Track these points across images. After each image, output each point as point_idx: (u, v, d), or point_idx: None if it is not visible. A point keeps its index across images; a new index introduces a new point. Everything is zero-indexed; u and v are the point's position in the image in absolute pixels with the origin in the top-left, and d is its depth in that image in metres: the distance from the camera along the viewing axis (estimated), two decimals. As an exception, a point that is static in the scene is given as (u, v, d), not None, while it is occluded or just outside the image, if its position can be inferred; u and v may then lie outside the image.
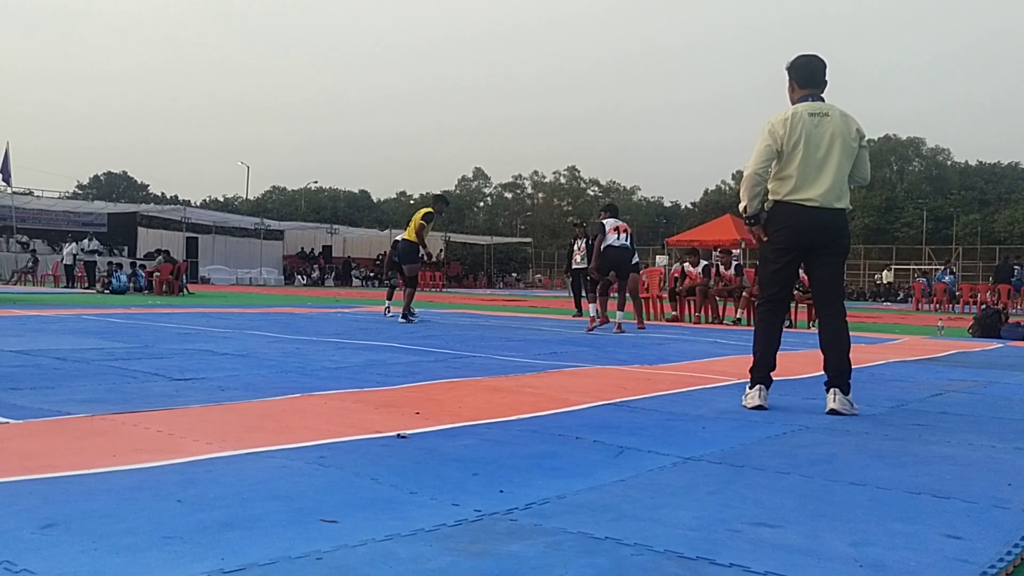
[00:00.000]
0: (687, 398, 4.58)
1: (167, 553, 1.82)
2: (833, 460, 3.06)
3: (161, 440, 3.05)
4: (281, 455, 2.84)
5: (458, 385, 4.83)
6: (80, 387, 4.31)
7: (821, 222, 4.20)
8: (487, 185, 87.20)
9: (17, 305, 12.98)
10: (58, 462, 2.64)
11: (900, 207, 64.17)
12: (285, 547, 1.88)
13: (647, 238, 67.52)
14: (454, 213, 74.27)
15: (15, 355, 5.70)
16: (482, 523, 2.13)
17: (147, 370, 5.09)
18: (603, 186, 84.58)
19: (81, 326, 8.82)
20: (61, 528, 1.97)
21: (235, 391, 4.32)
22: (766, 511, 2.32)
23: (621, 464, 2.89)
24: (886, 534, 2.13)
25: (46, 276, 28.51)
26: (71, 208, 38.02)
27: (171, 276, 21.59)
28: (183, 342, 7.11)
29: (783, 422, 3.85)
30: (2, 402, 3.75)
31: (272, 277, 39.31)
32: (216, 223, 40.88)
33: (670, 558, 1.89)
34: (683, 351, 7.71)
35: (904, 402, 4.67)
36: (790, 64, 4.38)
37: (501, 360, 6.34)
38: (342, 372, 5.30)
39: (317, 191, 79.50)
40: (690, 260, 14.15)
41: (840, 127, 4.21)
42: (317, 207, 71.54)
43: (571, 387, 4.90)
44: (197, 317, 10.93)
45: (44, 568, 1.70)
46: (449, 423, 3.55)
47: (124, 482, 2.42)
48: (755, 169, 4.21)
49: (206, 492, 2.33)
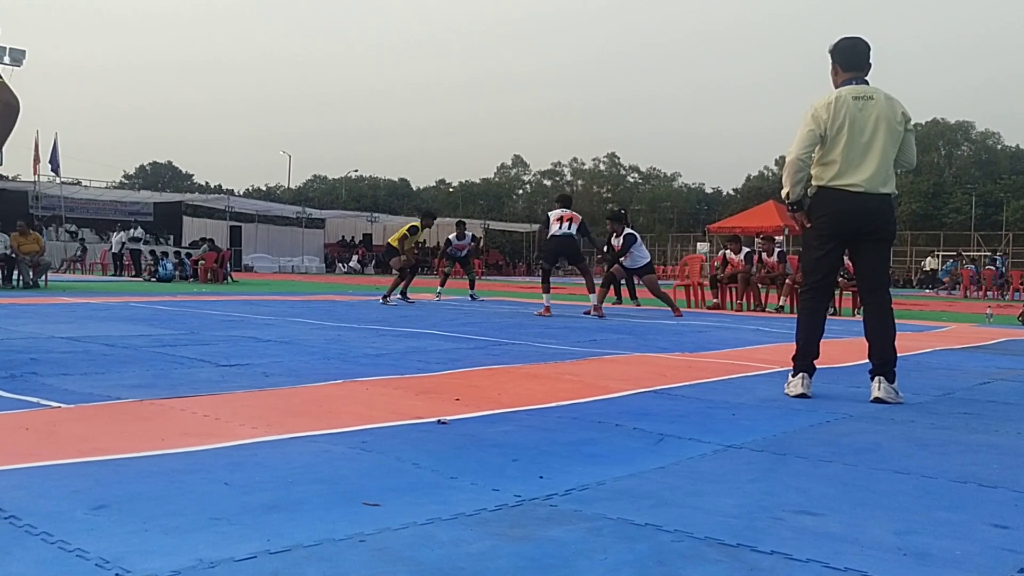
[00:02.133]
0: (728, 386, 4.55)
1: (215, 534, 1.86)
2: (877, 449, 3.02)
3: (208, 424, 3.11)
4: (324, 440, 2.88)
5: (497, 372, 4.85)
6: (129, 373, 4.41)
7: (866, 207, 4.13)
8: (526, 172, 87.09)
9: (67, 293, 13.28)
10: (109, 445, 2.70)
11: (948, 192, 62.75)
12: (329, 529, 1.91)
13: (688, 225, 66.99)
14: (493, 201, 74.33)
15: (66, 341, 5.84)
16: (522, 508, 2.14)
17: (193, 356, 5.18)
18: (643, 173, 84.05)
19: (129, 313, 9.00)
20: (112, 509, 2.02)
21: (279, 377, 4.38)
22: (808, 499, 2.30)
23: (661, 451, 2.88)
24: (931, 523, 2.10)
25: (94, 264, 29.10)
26: (118, 198, 38.72)
27: (216, 264, 21.92)
28: (228, 329, 7.23)
29: (826, 410, 3.81)
30: (54, 387, 3.85)
31: (314, 265, 39.70)
32: (259, 212, 41.34)
33: (711, 544, 1.89)
34: (724, 339, 7.65)
35: (951, 390, 4.59)
36: (833, 47, 4.30)
37: (540, 347, 6.35)
38: (383, 359, 5.35)
39: (357, 180, 79.99)
40: (732, 247, 14.00)
41: (885, 110, 4.14)
42: (357, 195, 71.99)
43: (610, 374, 4.90)
44: (241, 305, 11.10)
45: (96, 548, 1.75)
46: (489, 410, 3.57)
47: (172, 465, 2.48)
48: (798, 154, 4.16)
49: (252, 475, 2.38)
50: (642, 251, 11.53)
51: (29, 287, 14.91)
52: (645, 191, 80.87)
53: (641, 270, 11.58)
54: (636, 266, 11.48)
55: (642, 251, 11.53)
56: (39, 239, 16.39)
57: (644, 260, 11.51)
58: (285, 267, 37.63)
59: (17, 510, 1.98)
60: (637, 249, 11.38)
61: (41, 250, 16.13)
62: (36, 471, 2.36)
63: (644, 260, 11.51)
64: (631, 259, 11.36)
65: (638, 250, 11.40)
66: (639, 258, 11.43)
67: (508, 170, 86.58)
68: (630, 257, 11.33)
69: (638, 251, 11.40)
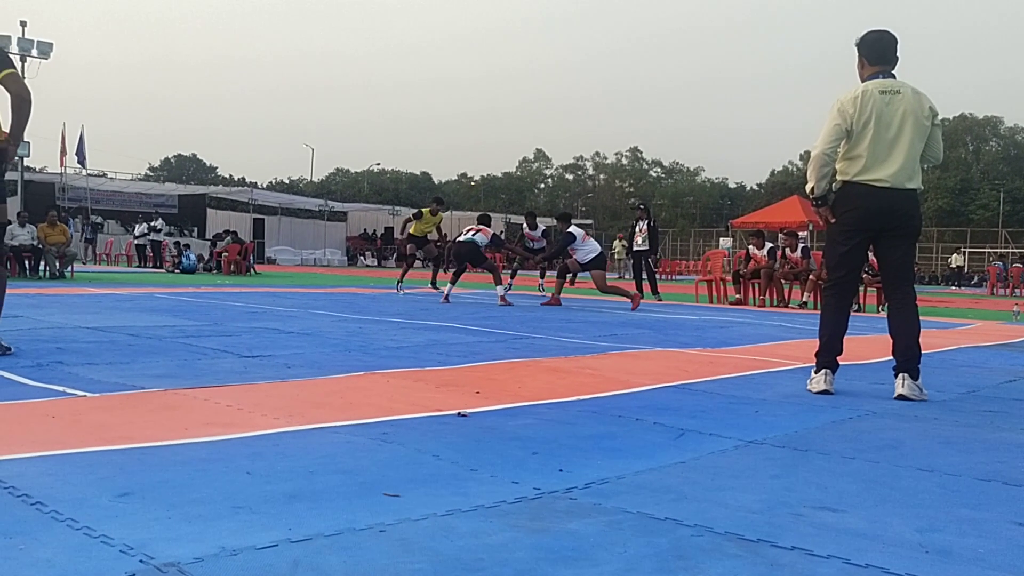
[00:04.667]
0: (750, 381, 4.53)
1: (237, 522, 1.88)
2: (900, 446, 3.00)
3: (231, 414, 3.14)
4: (345, 431, 2.90)
5: (517, 365, 4.85)
6: (153, 363, 4.45)
7: (892, 203, 4.09)
8: (548, 166, 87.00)
9: (93, 284, 13.43)
10: (133, 434, 2.73)
11: (976, 188, 61.93)
12: (350, 519, 1.92)
13: (711, 220, 66.62)
14: (514, 195, 74.30)
15: (92, 331, 5.91)
16: (541, 501, 2.14)
17: (217, 347, 5.22)
18: (666, 167, 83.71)
19: (153, 304, 9.08)
20: (136, 497, 2.04)
21: (300, 368, 4.41)
22: (830, 495, 2.29)
23: (682, 446, 2.87)
24: (954, 521, 2.08)
25: (119, 256, 29.40)
26: (143, 190, 39.11)
27: (239, 256, 22.07)
28: (251, 321, 7.28)
29: (849, 407, 3.78)
30: (80, 376, 3.90)
31: (336, 258, 39.88)
32: (282, 205, 41.58)
33: (731, 540, 1.88)
34: (746, 335, 7.61)
35: (975, 388, 4.54)
36: (859, 40, 4.26)
37: (561, 341, 6.34)
38: (404, 351, 5.36)
39: (380, 173, 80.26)
40: (755, 242, 13.91)
41: (912, 105, 4.09)
42: (380, 189, 72.25)
43: (631, 369, 4.89)
44: (264, 297, 11.17)
45: (121, 535, 1.77)
46: (509, 403, 3.58)
47: (196, 454, 2.50)
48: (823, 149, 4.12)
49: (274, 465, 2.40)
50: (591, 245, 11.30)
51: (55, 278, 15.09)
52: (668, 186, 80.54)
53: (590, 264, 11.26)
54: (585, 261, 11.22)
55: (591, 245, 11.30)
56: (65, 230, 16.60)
57: (593, 254, 11.25)
58: (307, 260, 37.83)
59: (44, 497, 2.01)
60: (581, 246, 11.18)
61: (67, 241, 16.33)
62: (62, 458, 2.40)
63: (593, 254, 11.25)
64: (579, 254, 11.16)
65: (583, 246, 11.19)
66: (587, 253, 11.21)
67: (530, 164, 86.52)
68: (577, 253, 11.14)
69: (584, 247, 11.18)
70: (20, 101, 4.40)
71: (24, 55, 27.43)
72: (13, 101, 4.40)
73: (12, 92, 4.40)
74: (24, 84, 4.48)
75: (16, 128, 4.42)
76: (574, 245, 11.07)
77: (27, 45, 27.69)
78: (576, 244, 11.09)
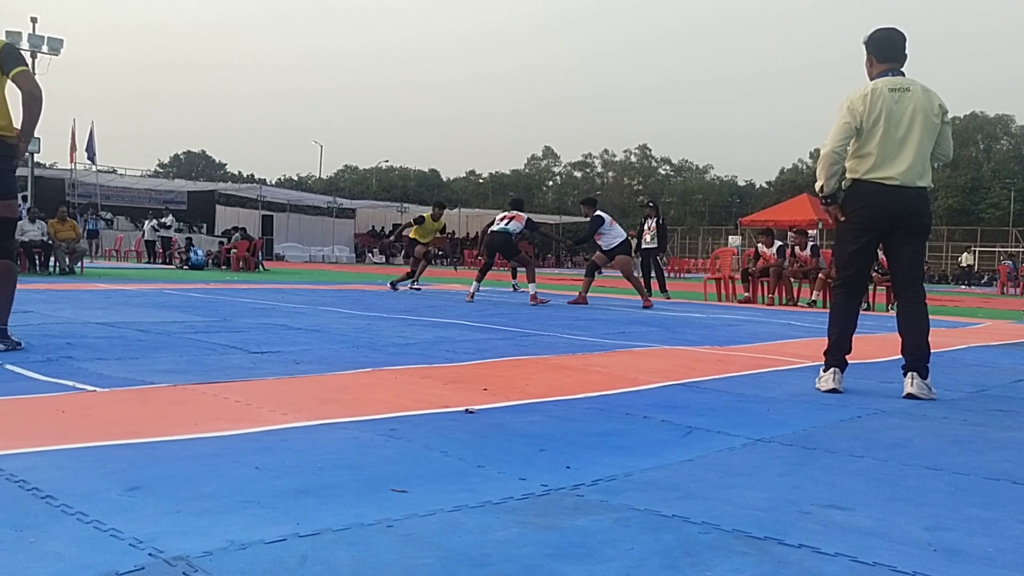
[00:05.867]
0: (758, 380, 4.52)
1: (246, 517, 1.89)
2: (909, 444, 2.99)
3: (239, 410, 3.15)
4: (353, 427, 2.91)
5: (525, 363, 4.85)
6: (162, 358, 4.47)
7: (901, 201, 4.07)
8: (556, 164, 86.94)
9: (102, 279, 13.48)
10: (143, 428, 2.75)
11: (986, 187, 61.64)
12: (358, 514, 1.93)
13: (720, 218, 66.48)
14: (523, 192, 74.17)
15: (101, 327, 5.94)
16: (549, 497, 2.15)
17: (225, 343, 5.24)
18: (675, 165, 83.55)
19: (162, 300, 9.12)
20: (146, 491, 2.05)
21: (309, 364, 4.42)
22: (838, 494, 2.28)
23: (689, 444, 2.87)
24: (962, 519, 2.08)
25: (129, 252, 29.51)
26: (152, 186, 39.22)
27: (247, 253, 22.13)
28: (259, 317, 7.30)
29: (858, 406, 3.77)
30: (90, 371, 3.92)
31: (344, 255, 39.95)
32: (290, 201, 41.66)
33: (738, 537, 1.88)
34: (755, 333, 7.59)
35: (985, 387, 4.52)
36: (868, 38, 4.24)
37: (568, 339, 6.34)
38: (411, 348, 5.37)
39: (388, 170, 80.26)
40: (764, 240, 13.88)
41: (922, 102, 4.08)
42: (388, 186, 72.31)
43: (639, 367, 4.88)
44: (272, 293, 11.20)
45: (130, 528, 1.78)
46: (516, 400, 3.58)
47: (205, 449, 2.51)
48: (833, 147, 4.11)
49: (282, 460, 2.41)
50: (617, 230, 11.22)
51: (65, 273, 15.16)
52: (677, 183, 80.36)
53: (616, 249, 11.12)
54: (611, 246, 11.12)
55: (617, 230, 11.22)
56: (75, 226, 16.67)
57: (619, 239, 11.11)
58: (316, 256, 37.90)
59: (53, 490, 2.02)
60: (608, 230, 11.09)
61: (77, 237, 16.40)
62: (72, 452, 2.41)
63: (619, 239, 11.11)
64: (606, 238, 11.08)
65: (610, 230, 11.10)
66: (614, 238, 11.14)
67: (538, 161, 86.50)
68: (604, 237, 11.05)
69: (611, 231, 11.10)
70: (31, 98, 4.43)
71: (35, 51, 27.48)
72: (25, 98, 4.43)
73: (24, 89, 4.43)
74: (35, 81, 4.51)
75: (27, 125, 4.46)
76: (602, 229, 11.00)
77: (37, 41, 27.75)
78: (604, 228, 11.03)
